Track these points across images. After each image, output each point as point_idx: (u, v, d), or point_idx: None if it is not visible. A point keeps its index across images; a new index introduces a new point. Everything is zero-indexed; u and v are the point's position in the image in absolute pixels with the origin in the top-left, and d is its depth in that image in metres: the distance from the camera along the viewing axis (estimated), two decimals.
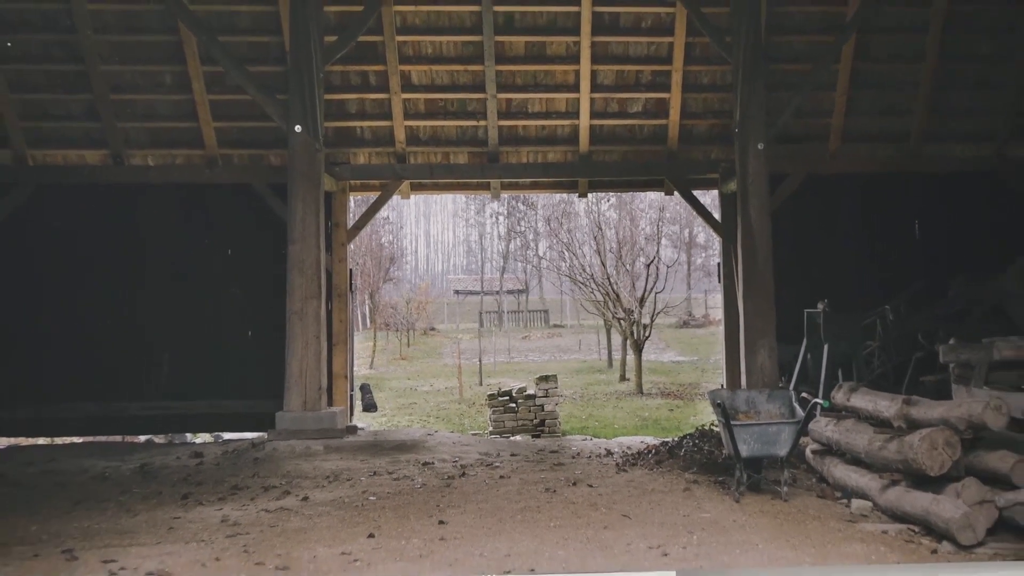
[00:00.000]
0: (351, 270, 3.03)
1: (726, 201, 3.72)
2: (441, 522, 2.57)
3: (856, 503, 2.79)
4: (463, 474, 2.88)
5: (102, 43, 2.63)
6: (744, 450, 2.51)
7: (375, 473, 2.83)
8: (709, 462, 2.98)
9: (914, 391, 2.68)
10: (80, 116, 2.94)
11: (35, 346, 2.92)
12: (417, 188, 3.90)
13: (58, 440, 2.85)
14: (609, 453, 3.57)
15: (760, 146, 2.64)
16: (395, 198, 3.42)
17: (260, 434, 2.65)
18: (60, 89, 3.06)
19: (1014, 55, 2.95)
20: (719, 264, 3.77)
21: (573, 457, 3.20)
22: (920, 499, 2.58)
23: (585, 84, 3.11)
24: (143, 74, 2.89)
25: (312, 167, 2.51)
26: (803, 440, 2.50)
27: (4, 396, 2.69)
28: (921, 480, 2.59)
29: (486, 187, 3.85)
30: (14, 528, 2.37)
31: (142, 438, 3.15)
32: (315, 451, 2.96)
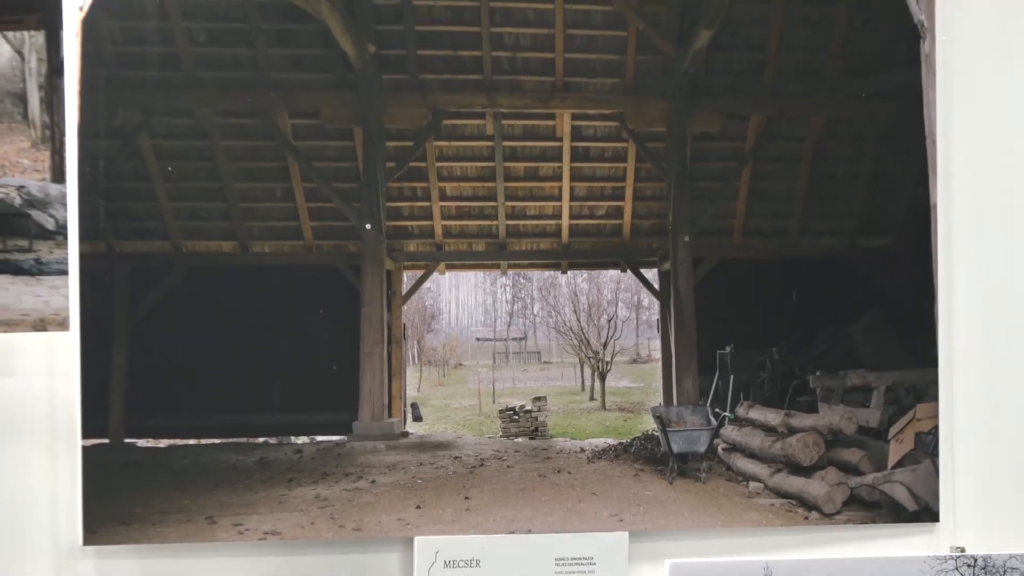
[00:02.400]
0: (404, 324, 2.98)
1: (663, 276, 3.76)
2: (466, 498, 2.62)
3: (752, 485, 2.84)
4: (481, 465, 2.89)
5: (234, 168, 2.66)
6: (675, 448, 2.57)
7: (421, 464, 2.85)
8: (652, 456, 3.00)
9: (792, 407, 2.74)
10: (218, 218, 2.92)
11: (190, 377, 2.91)
12: (450, 267, 3.95)
13: (203, 441, 2.81)
14: (582, 450, 3.59)
15: (686, 239, 2.65)
16: (435, 274, 3.40)
17: (342, 437, 2.62)
18: (204, 199, 3.07)
19: (859, 177, 2.98)
20: (658, 320, 3.80)
21: (557, 453, 3.22)
22: (797, 482, 2.64)
23: (566, 196, 3.14)
24: (262, 189, 2.88)
25: (377, 254, 2.51)
26: (716, 441, 2.56)
27: (169, 410, 2.69)
28: (797, 469, 2.65)
29: (497, 267, 3.88)
30: (173, 501, 2.44)
31: (260, 440, 3.11)
32: (379, 449, 2.98)
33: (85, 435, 2.29)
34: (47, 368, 2.30)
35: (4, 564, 2.27)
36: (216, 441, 2.43)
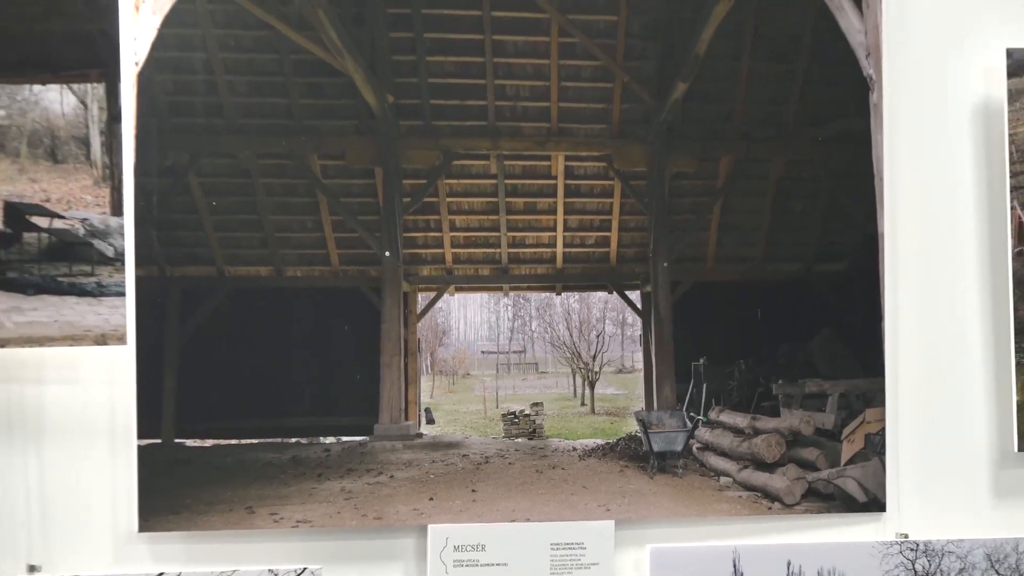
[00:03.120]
0: (419, 339, 2.98)
1: (644, 297, 3.77)
2: (473, 491, 2.61)
3: (723, 479, 2.84)
4: (486, 462, 2.89)
5: (270, 202, 2.66)
6: (656, 447, 2.57)
7: (433, 461, 2.85)
8: (635, 455, 3.00)
9: (758, 412, 2.73)
10: (256, 246, 2.93)
11: (232, 385, 2.89)
12: (459, 289, 3.96)
13: (243, 441, 2.81)
14: (574, 449, 3.60)
15: (665, 265, 2.66)
16: (445, 296, 3.40)
17: (364, 437, 2.62)
18: (244, 230, 3.08)
19: (816, 211, 2.98)
20: (640, 335, 3.80)
21: (552, 452, 3.22)
22: (761, 477, 2.63)
23: (560, 228, 3.15)
24: (294, 221, 2.89)
25: (395, 277, 2.52)
26: (691, 441, 2.56)
27: (213, 414, 2.67)
28: (762, 465, 2.65)
29: (500, 289, 3.88)
30: (216, 494, 2.44)
31: (292, 440, 3.11)
32: (397, 448, 2.98)
33: (140, 436, 2.31)
34: (107, 377, 2.32)
35: (71, 548, 2.28)
36: (254, 441, 2.40)
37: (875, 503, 2.54)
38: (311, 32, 2.39)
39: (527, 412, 2.51)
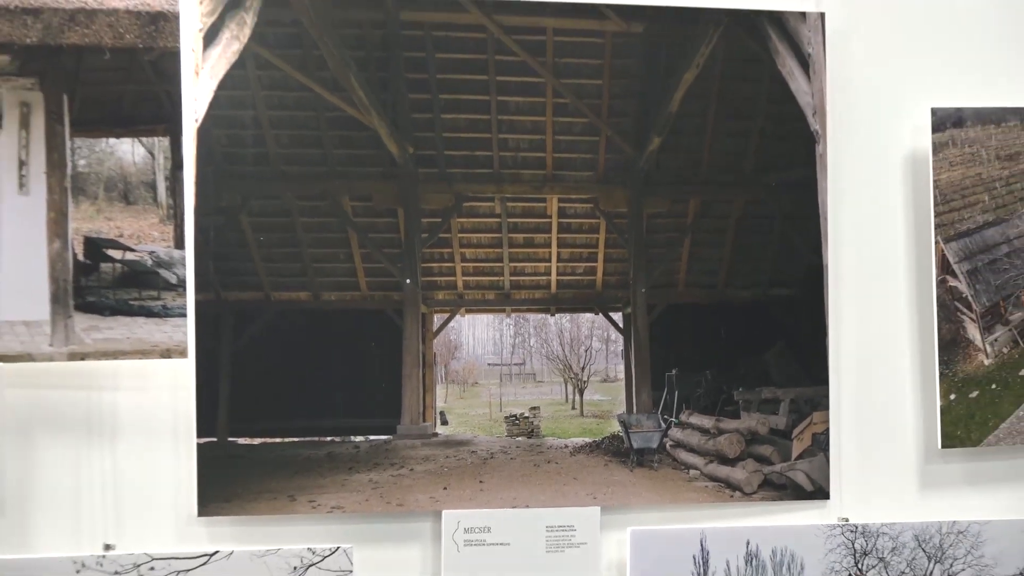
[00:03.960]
0: (435, 353, 2.97)
1: (625, 318, 3.73)
2: (480, 481, 2.57)
3: (692, 472, 2.81)
4: (491, 457, 2.88)
5: (309, 237, 2.66)
6: (635, 445, 2.56)
7: (447, 457, 2.83)
8: (617, 451, 2.98)
9: (721, 415, 2.73)
10: (297, 275, 2.91)
11: (276, 391, 2.86)
12: (468, 311, 3.91)
13: (285, 440, 2.79)
14: (566, 447, 3.59)
15: (643, 290, 2.66)
16: (457, 316, 3.37)
17: (388, 436, 2.61)
18: (286, 260, 3.07)
19: (769, 245, 2.96)
20: (622, 350, 3.76)
21: (547, 449, 3.21)
22: (724, 470, 2.57)
23: (554, 259, 3.13)
24: (329, 253, 2.89)
25: (415, 301, 2.53)
26: (665, 440, 2.55)
27: (261, 416, 2.66)
28: (724, 460, 2.56)
29: (503, 311, 3.84)
30: (263, 484, 2.41)
31: (328, 438, 3.10)
32: (416, 446, 2.97)
33: (199, 435, 2.32)
34: (171, 385, 2.34)
35: (140, 529, 2.30)
36: (295, 439, 2.41)
37: (820, 492, 2.55)
38: (343, 93, 2.40)
39: (526, 415, 2.52)
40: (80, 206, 2.28)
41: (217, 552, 2.25)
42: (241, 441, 2.39)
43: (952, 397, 2.52)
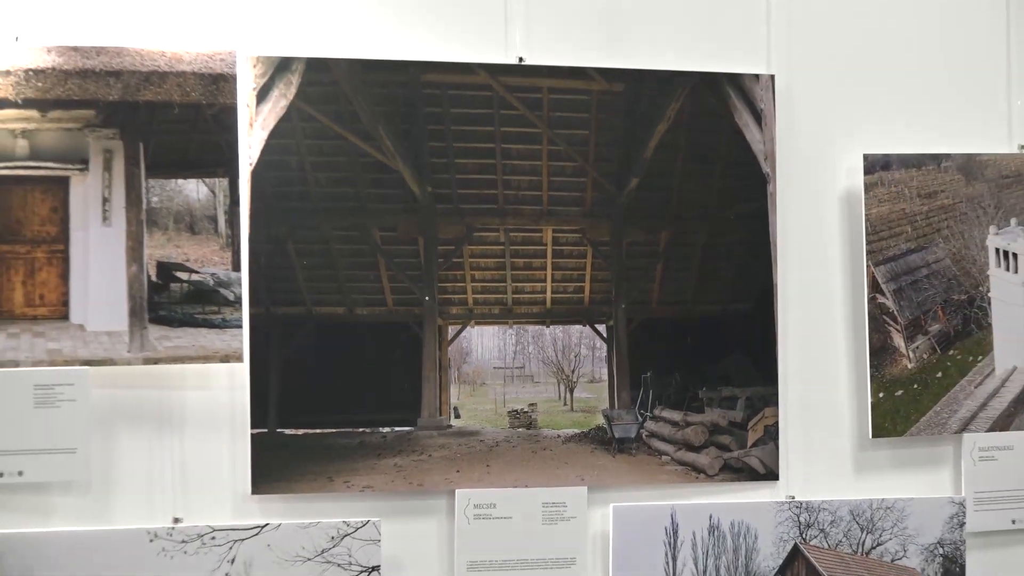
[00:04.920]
0: (449, 358, 2.92)
1: (608, 329, 3.56)
2: (487, 466, 2.49)
3: (664, 458, 2.71)
4: (496, 445, 2.81)
5: (344, 261, 2.64)
6: (616, 435, 2.48)
7: (459, 445, 2.75)
8: (602, 440, 2.90)
9: (688, 410, 2.69)
10: (334, 292, 2.87)
11: (317, 391, 2.77)
12: (477, 323, 3.76)
13: (325, 430, 2.76)
14: (559, 436, 3.48)
15: (623, 306, 2.64)
16: (468, 328, 3.29)
17: (410, 428, 2.59)
18: (325, 280, 2.99)
19: (729, 268, 2.93)
20: (606, 356, 3.59)
21: (543, 438, 3.14)
22: (691, 455, 2.57)
23: (549, 280, 3.01)
24: (361, 275, 2.85)
25: (432, 315, 2.51)
26: (642, 431, 2.50)
27: (304, 411, 2.62)
28: (691, 448, 2.56)
29: (506, 323, 3.69)
30: (305, 468, 2.35)
31: (360, 430, 3.06)
32: (433, 436, 2.91)
33: (252, 427, 2.34)
34: (229, 385, 2.36)
35: (203, 505, 2.31)
36: (332, 430, 2.41)
37: (771, 474, 2.57)
38: (373, 142, 2.42)
39: (525, 410, 2.52)
40: (153, 236, 2.30)
41: (267, 524, 2.26)
42: (288, 431, 2.39)
43: (881, 395, 2.54)
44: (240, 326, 2.30)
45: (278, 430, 2.38)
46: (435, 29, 2.35)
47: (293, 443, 2.40)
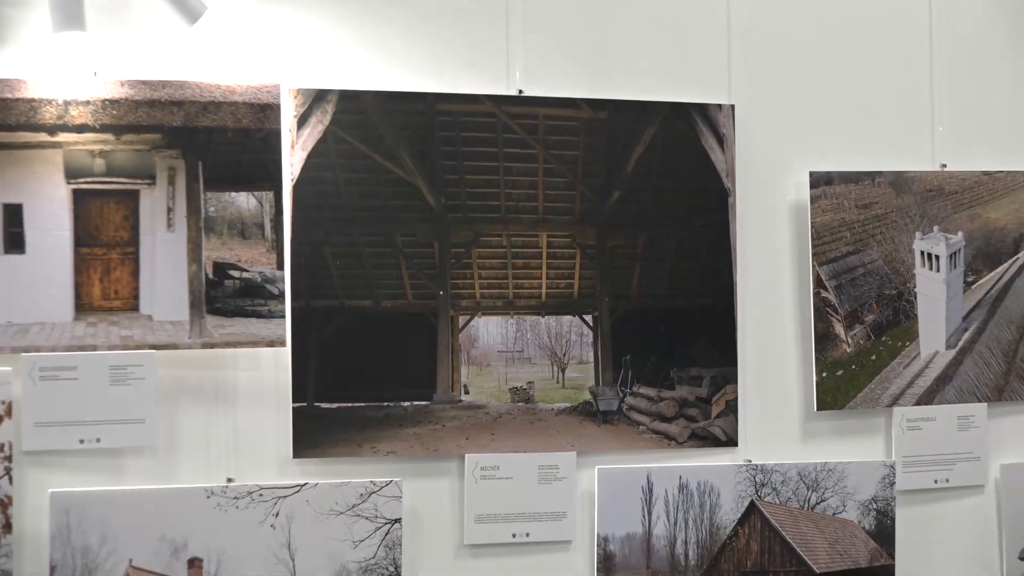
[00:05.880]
0: (460, 343, 2.86)
1: (594, 319, 3.47)
2: (492, 434, 2.50)
3: (641, 428, 2.61)
4: (500, 417, 2.74)
5: (371, 262, 2.59)
6: (601, 408, 2.46)
7: (468, 416, 2.65)
8: (589, 412, 2.85)
9: (662, 387, 2.64)
10: (363, 288, 2.81)
11: (349, 370, 2.69)
12: (484, 314, 3.67)
13: (355, 404, 2.71)
14: (552, 410, 3.40)
15: (606, 300, 2.61)
16: (475, 318, 3.20)
17: (427, 402, 2.55)
18: (355, 279, 2.86)
19: (696, 267, 2.83)
20: (592, 341, 3.49)
21: (539, 411, 3.08)
22: (664, 426, 2.58)
23: (544, 278, 2.96)
24: (385, 273, 2.76)
25: (446, 307, 2.47)
26: (623, 405, 2.46)
27: (338, 387, 2.55)
28: (664, 419, 2.58)
29: (508, 314, 3.59)
30: (338, 436, 2.36)
31: (384, 403, 2.97)
32: (447, 409, 2.84)
33: (294, 401, 2.35)
34: (274, 365, 2.36)
35: (252, 467, 2.31)
36: (361, 404, 2.42)
37: (731, 441, 2.58)
38: (396, 161, 2.44)
39: (524, 387, 2.52)
40: (210, 240, 2.31)
41: (306, 483, 2.25)
42: (323, 405, 2.39)
43: (824, 374, 2.54)
44: (283, 316, 2.29)
45: (315, 404, 2.38)
46: (448, 66, 2.37)
47: (328, 415, 2.40)
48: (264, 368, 2.30)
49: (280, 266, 2.31)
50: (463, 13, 2.32)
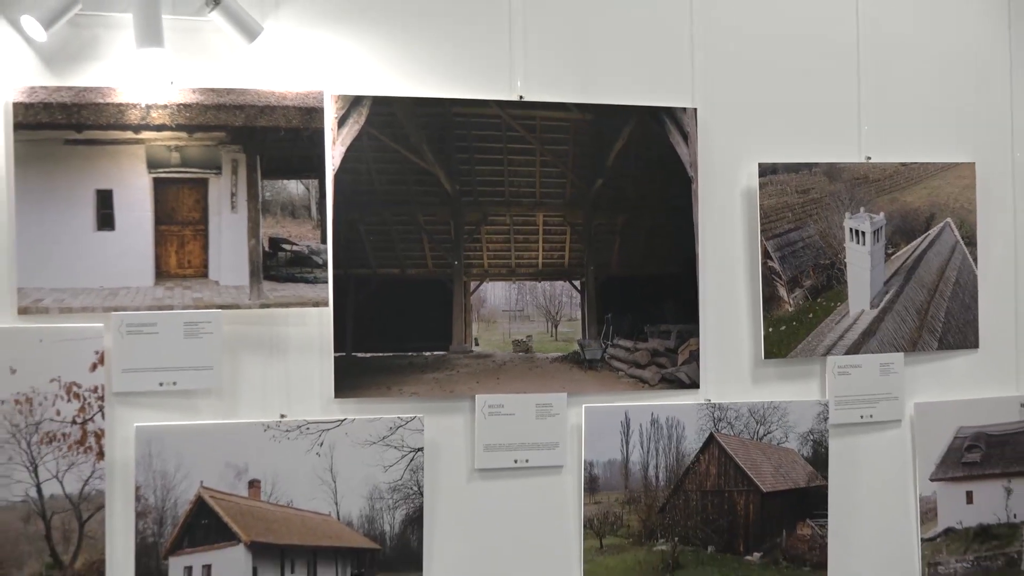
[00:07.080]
0: (471, 304, 2.81)
1: (582, 284, 3.36)
2: (498, 378, 2.47)
3: (620, 373, 2.58)
4: (504, 365, 2.65)
5: (398, 238, 2.54)
6: (587, 357, 2.36)
7: (478, 364, 2.49)
8: (577, 360, 2.79)
9: (637, 340, 2.60)
10: (392, 258, 2.74)
11: (381, 325, 2.65)
12: (490, 279, 3.58)
13: (386, 354, 2.64)
14: (547, 358, 3.34)
15: (591, 268, 2.58)
16: (484, 283, 3.15)
17: (444, 352, 2.51)
18: (384, 250, 2.78)
19: (667, 242, 2.73)
20: (579, 302, 3.40)
21: (536, 360, 3.00)
22: (639, 371, 2.57)
23: (540, 250, 2.92)
24: (410, 246, 2.65)
25: (460, 274, 2.43)
26: (605, 355, 2.44)
27: (372, 340, 2.48)
28: (638, 366, 2.56)
29: (511, 280, 3.51)
30: (372, 379, 2.35)
31: (409, 353, 2.90)
32: (460, 358, 2.77)
33: (335, 351, 2.36)
34: (318, 322, 2.37)
35: (301, 405, 2.31)
36: (391, 354, 2.42)
37: (694, 384, 2.59)
38: (419, 155, 2.44)
39: (524, 340, 2.51)
40: (266, 219, 2.32)
41: (345, 419, 2.26)
42: (359, 355, 2.39)
43: (770, 329, 2.54)
44: (326, 282, 2.29)
45: (353, 354, 2.39)
46: (462, 77, 2.38)
47: (363, 363, 2.41)
48: (310, 324, 2.29)
49: (323, 240, 2.31)
50: (474, 33, 2.35)
